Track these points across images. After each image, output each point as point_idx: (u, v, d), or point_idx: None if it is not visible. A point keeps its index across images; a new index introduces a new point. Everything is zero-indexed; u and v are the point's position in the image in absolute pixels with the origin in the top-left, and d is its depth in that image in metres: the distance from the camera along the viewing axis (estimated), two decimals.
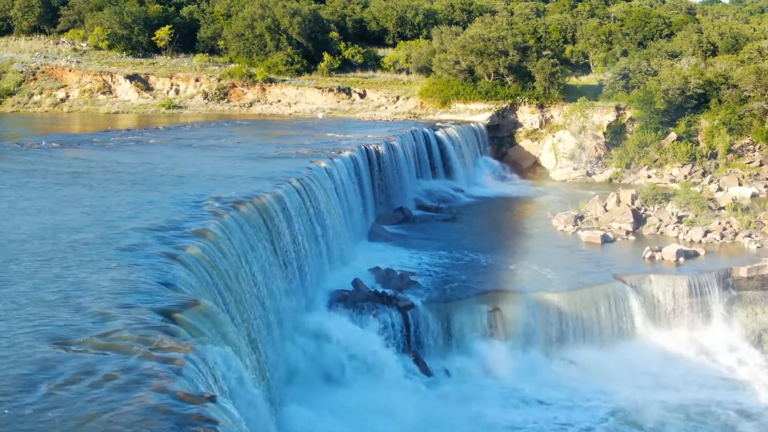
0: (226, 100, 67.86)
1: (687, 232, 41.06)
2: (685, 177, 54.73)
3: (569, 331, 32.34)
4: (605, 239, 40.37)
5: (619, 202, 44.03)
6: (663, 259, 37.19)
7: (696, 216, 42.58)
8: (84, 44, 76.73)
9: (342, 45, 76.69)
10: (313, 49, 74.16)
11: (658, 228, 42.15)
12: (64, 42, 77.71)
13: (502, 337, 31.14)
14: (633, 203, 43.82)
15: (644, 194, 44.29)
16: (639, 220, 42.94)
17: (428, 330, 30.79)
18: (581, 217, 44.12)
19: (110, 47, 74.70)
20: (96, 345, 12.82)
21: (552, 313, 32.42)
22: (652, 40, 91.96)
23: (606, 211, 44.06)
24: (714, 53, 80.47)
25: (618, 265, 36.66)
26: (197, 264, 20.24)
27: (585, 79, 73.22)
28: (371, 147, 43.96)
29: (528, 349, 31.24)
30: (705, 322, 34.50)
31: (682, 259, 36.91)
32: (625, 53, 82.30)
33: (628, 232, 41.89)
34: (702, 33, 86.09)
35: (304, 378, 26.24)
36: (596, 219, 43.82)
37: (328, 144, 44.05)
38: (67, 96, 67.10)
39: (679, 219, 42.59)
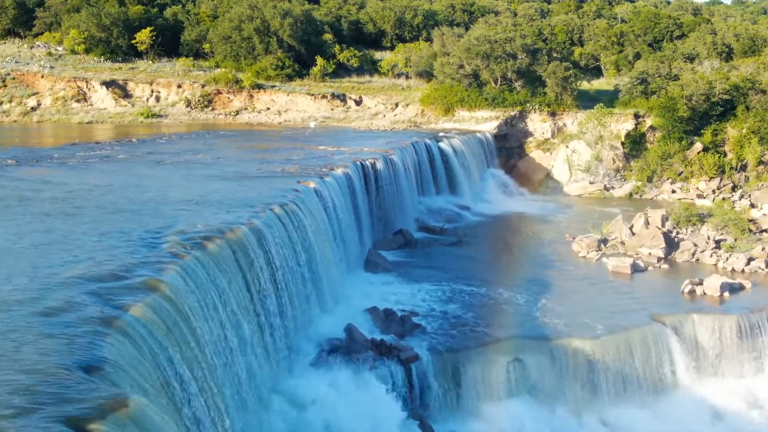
0: (210, 108, 62.67)
1: (727, 259, 36.13)
2: (714, 192, 49.77)
3: (602, 385, 27.67)
4: (635, 268, 35.35)
5: (647, 223, 38.99)
6: (705, 293, 32.31)
7: (736, 240, 37.58)
8: (60, 48, 71.60)
9: (336, 48, 71.67)
10: (306, 52, 69.10)
11: (693, 254, 37.17)
12: (39, 46, 72.56)
13: (523, 394, 26.22)
14: (663, 225, 38.80)
15: (676, 215, 39.24)
16: (671, 244, 37.97)
17: (435, 387, 25.78)
18: (605, 241, 39.08)
19: (87, 51, 69.55)
20: None
21: (581, 363, 27.71)
22: (662, 41, 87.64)
23: (633, 234, 39.02)
24: (729, 55, 75.96)
25: (653, 302, 31.68)
26: (141, 331, 15.27)
27: (597, 84, 68.25)
28: (367, 162, 38.95)
29: (555, 408, 26.33)
30: (758, 370, 29.67)
31: (726, 294, 32.16)
32: (637, 56, 77.59)
33: (659, 259, 36.96)
34: (716, 34, 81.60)
35: None
36: (622, 243, 38.80)
37: (319, 159, 38.93)
38: (39, 104, 61.92)
39: (717, 244, 37.61)
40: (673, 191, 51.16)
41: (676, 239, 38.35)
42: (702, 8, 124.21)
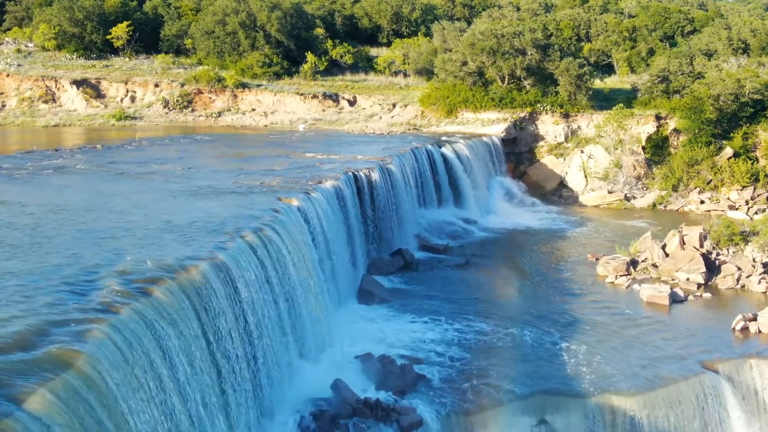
0: (190, 109, 57.29)
1: None
2: (747, 202, 44.71)
3: None
4: (673, 298, 30.24)
5: (683, 243, 33.87)
6: (760, 331, 27.25)
7: None
8: (31, 45, 66.23)
9: (329, 44, 66.40)
10: (295, 48, 63.82)
11: (737, 280, 32.15)
12: (7, 42, 67.15)
13: None
14: (702, 245, 33.69)
15: (716, 233, 34.11)
16: (712, 268, 32.92)
17: None
18: (634, 263, 33.98)
19: (59, 48, 64.18)
20: None
21: (620, 424, 22.54)
22: (672, 37, 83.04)
23: (667, 255, 33.91)
24: (746, 51, 71.00)
25: (701, 342, 26.71)
26: None
27: (610, 82, 63.07)
28: (361, 173, 33.84)
29: None
30: None
31: None
32: (651, 52, 72.63)
33: (699, 286, 31.96)
34: (731, 29, 76.76)
35: None
36: (654, 266, 33.70)
37: (306, 169, 33.73)
38: (3, 105, 56.57)
39: (766, 267, 32.47)
40: (702, 202, 46.09)
41: (716, 262, 33.27)
42: (707, 3, 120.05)
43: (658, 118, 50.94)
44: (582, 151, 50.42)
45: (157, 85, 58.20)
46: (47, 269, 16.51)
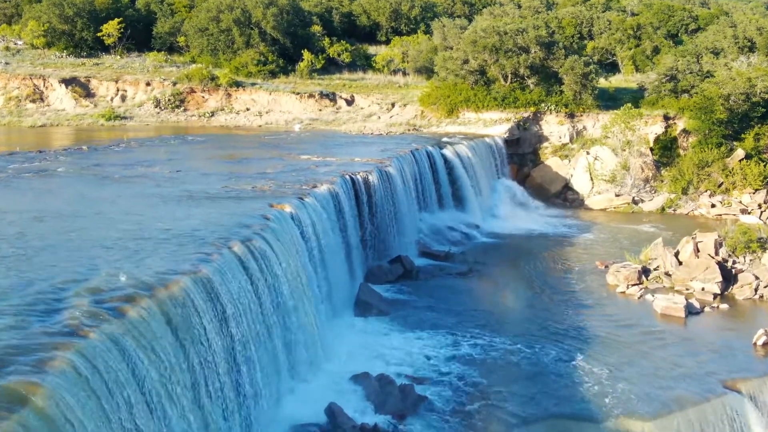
0: (182, 108, 55.45)
1: None
2: (760, 206, 43.03)
3: None
4: (690, 310, 28.53)
5: (697, 250, 32.17)
6: None
7: None
8: (20, 42, 64.40)
9: (326, 41, 64.59)
10: (292, 46, 62.02)
11: (755, 290, 30.47)
12: None
13: None
14: (717, 253, 31.99)
15: (732, 240, 32.39)
16: (728, 277, 31.23)
17: None
18: (646, 272, 32.28)
19: (49, 45, 62.33)
20: None
21: None
22: (676, 35, 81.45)
23: (680, 263, 32.20)
24: (752, 50, 69.39)
25: (720, 359, 24.97)
26: None
27: (615, 81, 61.34)
28: (359, 176, 32.08)
29: None
30: None
31: None
32: (656, 50, 70.94)
33: (715, 296, 30.27)
34: (736, 27, 75.15)
35: None
36: (667, 275, 32.00)
37: (300, 173, 32.01)
38: None
39: None
40: (713, 205, 44.38)
41: (733, 270, 31.57)
42: (709, 2, 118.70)
43: (666, 118, 49.21)
44: (588, 153, 48.65)
45: (148, 84, 56.38)
46: (13, 285, 14.94)
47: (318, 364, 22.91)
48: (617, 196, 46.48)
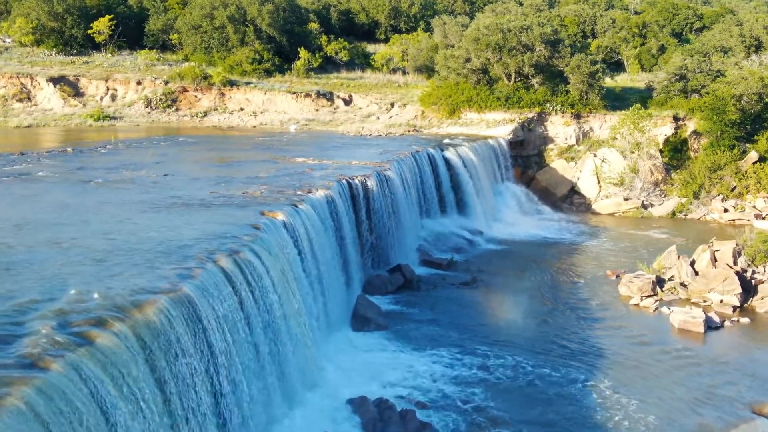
0: (174, 108, 53.59)
1: None
2: None
3: None
4: (709, 324, 26.75)
5: (715, 260, 30.38)
6: None
7: None
8: (8, 40, 62.52)
9: (323, 39, 62.73)
10: (288, 44, 60.16)
11: None
12: None
13: None
14: (736, 263, 30.20)
15: (751, 249, 30.61)
16: (747, 288, 29.41)
17: None
18: (660, 282, 30.48)
19: (37, 43, 60.45)
20: None
21: None
22: (681, 34, 79.83)
23: (696, 273, 30.41)
24: (759, 49, 67.69)
25: (746, 379, 23.13)
26: None
27: (621, 80, 59.56)
28: (356, 181, 30.29)
29: None
30: None
31: None
32: (662, 49, 69.18)
33: (735, 309, 28.47)
34: (742, 26, 73.47)
35: None
36: (683, 285, 30.20)
37: (295, 177, 30.22)
38: None
39: None
40: (725, 210, 42.60)
41: (753, 281, 29.78)
42: (712, 0, 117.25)
43: (675, 119, 47.42)
44: (595, 155, 46.82)
45: (139, 83, 54.50)
46: None
47: (312, 386, 21.10)
48: (626, 200, 44.68)
